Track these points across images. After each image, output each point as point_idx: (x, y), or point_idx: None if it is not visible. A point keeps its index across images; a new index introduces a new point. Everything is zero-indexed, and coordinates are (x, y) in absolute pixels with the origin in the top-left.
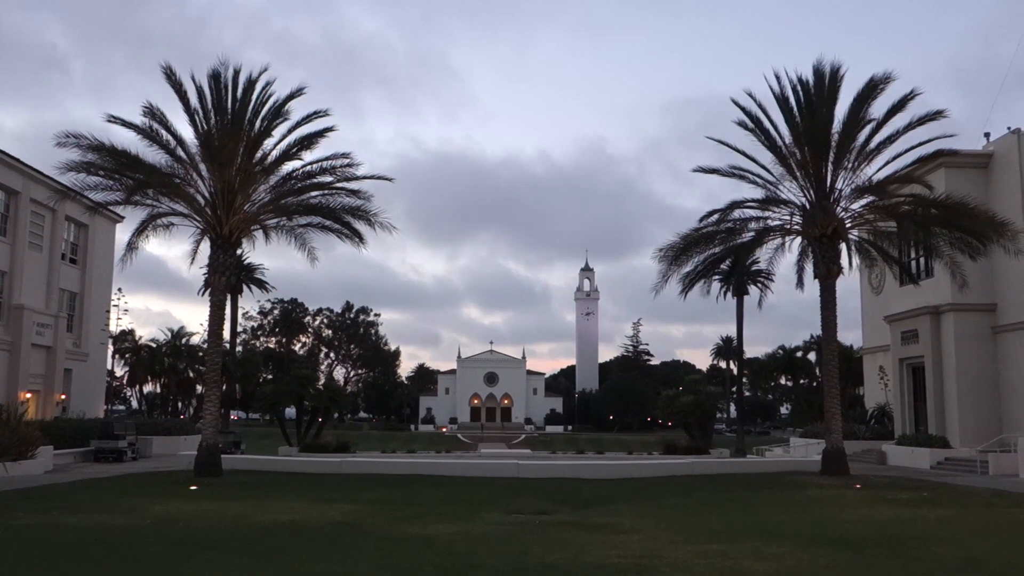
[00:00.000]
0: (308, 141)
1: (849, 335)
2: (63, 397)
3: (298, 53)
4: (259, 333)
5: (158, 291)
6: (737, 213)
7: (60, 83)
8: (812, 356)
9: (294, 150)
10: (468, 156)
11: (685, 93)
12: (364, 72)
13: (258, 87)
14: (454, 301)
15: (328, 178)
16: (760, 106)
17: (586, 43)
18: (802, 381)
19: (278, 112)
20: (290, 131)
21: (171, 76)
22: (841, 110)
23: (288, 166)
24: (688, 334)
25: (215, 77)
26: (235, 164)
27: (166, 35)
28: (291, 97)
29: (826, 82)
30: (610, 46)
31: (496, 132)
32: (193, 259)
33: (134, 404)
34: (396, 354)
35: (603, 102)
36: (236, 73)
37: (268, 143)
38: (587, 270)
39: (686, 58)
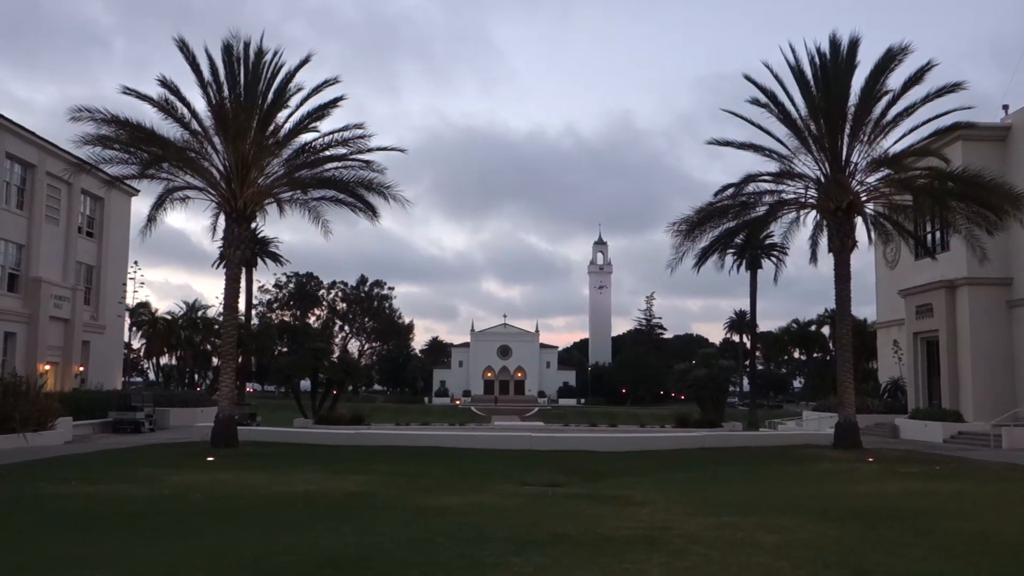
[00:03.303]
0: (320, 112)
1: (864, 309)
2: (81, 369)
3: (338, 27)
4: (274, 306)
5: (179, 264)
6: (752, 187)
7: (100, 59)
8: (826, 330)
9: (307, 122)
10: (497, 131)
11: (720, 68)
12: (403, 47)
13: (269, 58)
14: (474, 275)
15: (342, 150)
16: (777, 78)
17: (625, 18)
18: (815, 355)
19: (288, 81)
20: (303, 102)
21: (184, 49)
22: (858, 82)
23: (302, 139)
24: (704, 307)
25: (227, 49)
26: (248, 137)
27: (208, 10)
28: (301, 65)
29: (842, 53)
30: (648, 21)
31: (529, 106)
32: (214, 234)
33: (151, 376)
34: (410, 327)
35: (636, 77)
36: (247, 45)
37: (281, 115)
38: (600, 243)
39: (724, 34)
